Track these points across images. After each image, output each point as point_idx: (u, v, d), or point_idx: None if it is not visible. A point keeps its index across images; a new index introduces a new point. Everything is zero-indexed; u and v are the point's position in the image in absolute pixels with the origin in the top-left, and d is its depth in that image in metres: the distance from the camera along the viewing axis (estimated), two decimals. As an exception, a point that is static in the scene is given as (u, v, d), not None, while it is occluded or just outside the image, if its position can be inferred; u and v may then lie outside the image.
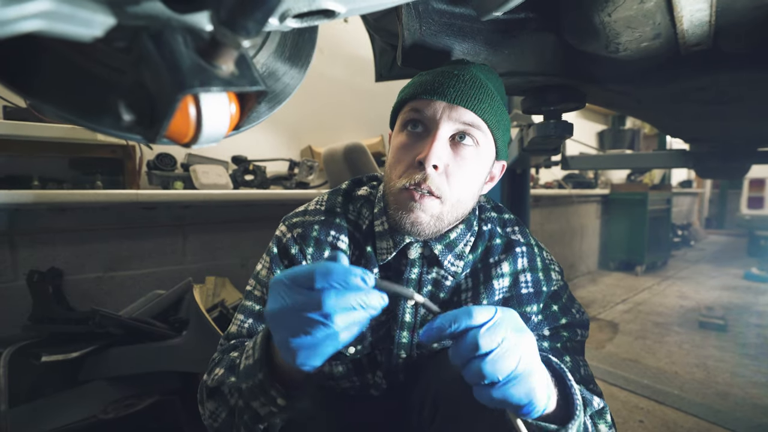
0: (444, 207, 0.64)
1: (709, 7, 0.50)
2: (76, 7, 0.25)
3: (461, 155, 0.64)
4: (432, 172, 0.61)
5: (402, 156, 0.65)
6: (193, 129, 0.33)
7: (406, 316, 0.72)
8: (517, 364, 0.44)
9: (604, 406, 0.62)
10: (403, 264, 0.73)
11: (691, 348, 2.42)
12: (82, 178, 1.62)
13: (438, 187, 0.62)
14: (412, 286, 0.72)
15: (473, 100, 0.62)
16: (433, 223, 0.64)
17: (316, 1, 0.38)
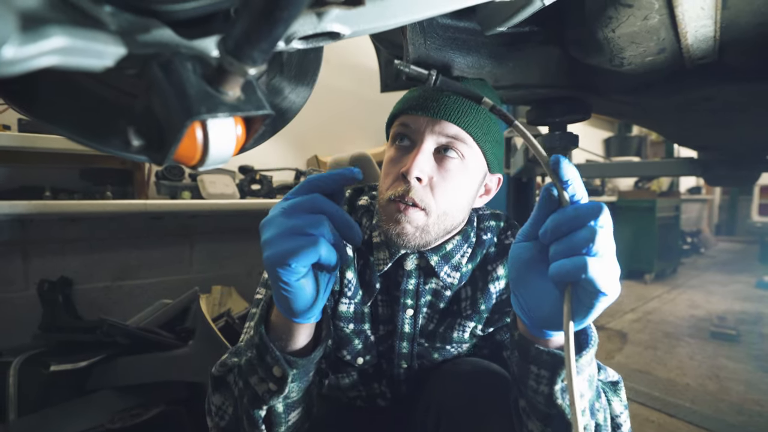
0: (429, 219, 0.64)
1: (713, 23, 0.50)
2: (89, 41, 0.26)
3: (445, 168, 0.65)
4: (416, 184, 0.63)
5: (390, 169, 0.67)
6: (200, 152, 0.34)
7: (405, 327, 0.74)
8: (612, 252, 0.42)
9: (619, 380, 0.60)
10: (400, 275, 0.74)
11: (703, 359, 2.37)
12: (92, 188, 1.65)
13: (422, 199, 0.63)
14: (409, 297, 0.74)
15: (456, 113, 0.64)
16: (418, 235, 0.64)
17: (322, 24, 0.39)
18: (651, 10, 0.48)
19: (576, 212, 0.42)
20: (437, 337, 0.74)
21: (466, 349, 0.76)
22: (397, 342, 0.74)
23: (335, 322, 0.73)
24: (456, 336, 0.73)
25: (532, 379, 0.52)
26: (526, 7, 0.51)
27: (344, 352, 0.74)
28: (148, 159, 0.35)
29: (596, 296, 0.41)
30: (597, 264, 0.40)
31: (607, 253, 0.41)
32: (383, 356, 0.76)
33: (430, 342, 0.74)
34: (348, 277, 0.74)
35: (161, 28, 0.34)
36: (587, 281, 0.40)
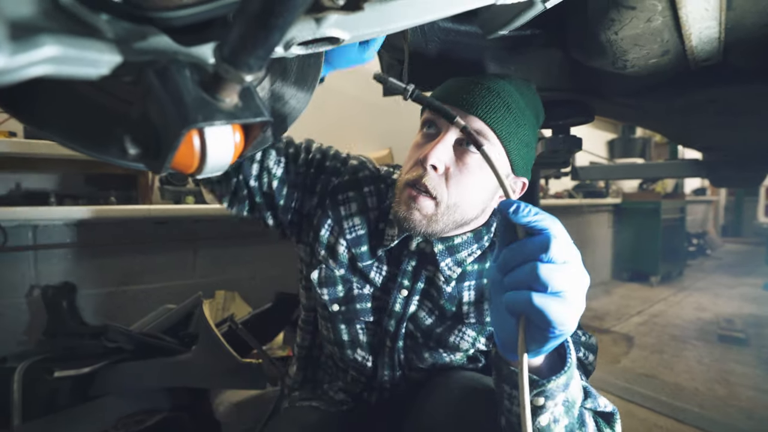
0: (439, 209, 0.64)
1: (718, 25, 0.49)
2: (83, 50, 0.26)
3: (464, 161, 0.64)
4: (430, 171, 0.63)
5: (412, 154, 0.69)
6: (197, 160, 0.34)
7: (396, 306, 0.74)
8: (569, 287, 0.42)
9: (614, 412, 0.58)
10: (404, 254, 0.75)
11: (711, 363, 2.34)
12: (96, 194, 1.65)
13: (434, 188, 0.63)
14: (406, 278, 0.75)
15: (484, 108, 0.63)
16: (425, 223, 0.65)
17: (320, 29, 0.39)
18: (654, 12, 0.48)
19: (521, 248, 0.43)
20: (433, 336, 0.73)
21: (459, 357, 0.75)
22: (385, 318, 0.75)
23: (329, 259, 0.76)
24: (452, 341, 0.72)
25: (506, 399, 0.52)
26: (528, 11, 0.50)
27: (324, 291, 0.76)
28: (146, 167, 0.34)
29: (546, 330, 0.42)
30: (544, 298, 0.41)
31: (562, 287, 0.41)
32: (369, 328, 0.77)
33: (425, 339, 0.74)
34: (355, 222, 0.76)
35: (158, 35, 0.34)
36: (536, 314, 0.41)
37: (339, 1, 0.35)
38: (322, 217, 0.78)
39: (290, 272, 2.15)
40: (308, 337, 0.89)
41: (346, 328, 0.77)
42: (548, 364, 0.50)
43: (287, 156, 0.79)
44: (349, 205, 0.77)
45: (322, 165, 0.81)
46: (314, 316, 0.87)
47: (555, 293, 0.41)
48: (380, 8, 0.36)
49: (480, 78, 0.67)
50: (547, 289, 0.41)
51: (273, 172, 0.77)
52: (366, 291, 0.76)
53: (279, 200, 0.78)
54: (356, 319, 0.76)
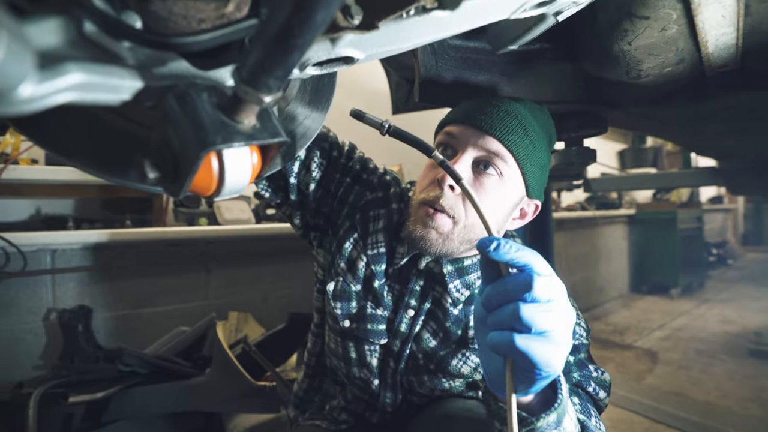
0: (456, 227, 0.64)
1: (735, 31, 0.49)
2: (106, 77, 0.26)
3: (481, 182, 0.64)
4: (448, 191, 0.63)
5: (427, 173, 0.68)
6: (215, 182, 0.33)
7: (402, 326, 0.73)
8: (554, 326, 0.40)
9: None
10: (412, 273, 0.74)
11: (744, 379, 2.23)
12: (112, 217, 1.68)
13: (452, 207, 0.63)
14: (413, 298, 0.74)
15: (502, 129, 0.63)
16: (441, 242, 0.64)
17: (336, 49, 0.39)
18: (669, 21, 0.47)
19: (503, 287, 0.41)
20: (435, 358, 0.72)
21: (459, 384, 0.73)
22: (391, 338, 0.74)
23: (347, 272, 0.75)
24: (455, 365, 0.70)
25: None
26: (538, 25, 0.50)
27: (338, 305, 0.75)
28: (164, 191, 0.34)
29: (532, 371, 0.41)
30: (528, 340, 0.39)
31: (545, 326, 0.40)
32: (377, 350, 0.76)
33: (426, 361, 0.72)
34: (378, 238, 0.75)
35: (177, 60, 0.35)
36: (519, 355, 0.40)
37: (354, 21, 0.35)
38: (350, 230, 0.77)
39: (303, 292, 2.14)
40: (319, 342, 0.88)
41: (354, 346, 0.76)
42: (541, 399, 0.48)
43: (329, 159, 0.79)
44: (377, 222, 0.77)
45: (359, 176, 0.80)
46: (326, 319, 0.86)
47: (539, 333, 0.40)
48: (395, 27, 0.36)
49: (497, 100, 0.67)
50: (531, 330, 0.39)
51: (313, 175, 0.77)
52: (379, 312, 0.74)
53: (312, 203, 0.78)
54: (365, 340, 0.75)
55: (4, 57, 0.17)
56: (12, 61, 0.18)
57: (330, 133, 0.81)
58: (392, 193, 0.80)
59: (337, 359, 0.79)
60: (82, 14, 0.29)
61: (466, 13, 0.37)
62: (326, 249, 0.82)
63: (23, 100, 0.21)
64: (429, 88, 0.75)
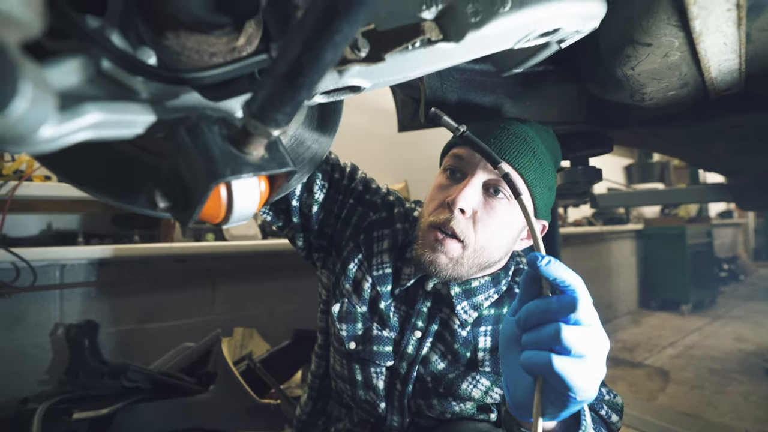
0: (465, 252, 0.63)
1: (737, 57, 0.49)
2: (121, 113, 0.27)
3: (491, 205, 0.64)
4: (458, 215, 0.62)
5: (436, 195, 0.67)
6: (224, 211, 0.34)
7: (409, 348, 0.72)
8: (593, 351, 0.40)
9: None
10: (419, 294, 0.73)
11: (760, 400, 2.16)
12: (121, 233, 1.70)
13: (462, 231, 0.62)
14: (421, 320, 0.73)
15: (513, 154, 0.63)
16: (451, 267, 0.64)
17: (343, 79, 0.40)
18: (671, 48, 0.48)
19: (547, 306, 0.41)
20: (444, 382, 0.70)
21: (469, 407, 0.71)
22: (398, 360, 0.73)
23: (352, 294, 0.74)
24: (464, 388, 0.69)
25: None
26: (542, 51, 0.51)
27: (343, 326, 0.74)
28: (174, 218, 0.35)
29: (566, 395, 0.40)
30: (566, 362, 0.39)
31: (584, 351, 0.39)
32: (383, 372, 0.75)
33: (434, 384, 0.71)
34: (384, 259, 0.75)
35: (189, 92, 0.36)
36: (555, 378, 0.39)
37: (361, 54, 0.36)
38: (354, 251, 0.77)
39: (308, 308, 2.13)
40: (323, 364, 0.87)
41: (360, 369, 0.74)
42: (563, 426, 0.48)
43: (331, 180, 0.79)
44: (382, 243, 0.76)
45: (362, 197, 0.80)
46: (330, 340, 0.85)
47: (578, 356, 0.39)
48: (401, 58, 0.37)
49: (504, 122, 0.67)
50: (570, 353, 0.39)
51: (316, 197, 0.76)
52: (385, 334, 0.73)
53: (315, 225, 0.78)
54: (371, 362, 0.74)
55: (30, 106, 0.18)
56: (36, 107, 0.19)
57: (332, 155, 0.81)
58: (396, 214, 0.79)
59: (342, 382, 0.78)
60: (100, 52, 0.30)
61: (471, 44, 0.38)
62: (330, 270, 0.81)
63: (43, 141, 0.22)
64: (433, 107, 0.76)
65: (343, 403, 0.84)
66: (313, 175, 0.76)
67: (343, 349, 0.75)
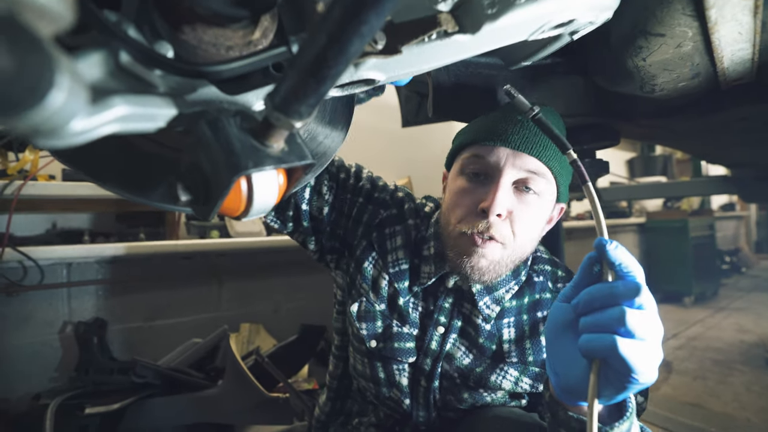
0: (505, 251, 0.63)
1: (751, 46, 0.49)
2: (145, 107, 0.27)
3: (525, 201, 0.63)
4: (495, 220, 0.61)
5: (462, 200, 0.65)
6: (244, 204, 0.34)
7: (432, 344, 0.72)
8: (654, 335, 0.41)
9: None
10: (440, 291, 0.73)
11: (763, 390, 2.18)
12: (126, 231, 1.71)
13: (501, 233, 0.62)
14: (443, 315, 0.73)
15: (538, 147, 0.62)
16: (492, 268, 0.64)
17: (359, 72, 0.40)
18: (684, 38, 0.48)
19: (611, 290, 0.42)
20: (472, 376, 0.70)
21: (500, 396, 0.72)
22: (421, 356, 0.73)
23: (370, 292, 0.74)
24: (494, 380, 0.69)
25: None
26: (554, 43, 0.51)
27: (363, 325, 0.74)
28: (195, 213, 0.35)
29: (627, 378, 0.40)
30: (629, 344, 0.40)
31: (646, 335, 0.40)
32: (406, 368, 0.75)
33: (463, 379, 0.71)
34: (399, 255, 0.74)
35: (206, 86, 0.36)
36: (618, 360, 0.40)
37: (378, 46, 0.36)
38: (367, 249, 0.77)
39: (314, 303, 2.14)
40: (341, 364, 0.87)
41: (383, 366, 0.74)
42: (607, 410, 0.48)
43: (338, 181, 0.79)
44: (395, 239, 0.76)
45: (370, 195, 0.79)
46: (348, 341, 0.85)
47: (640, 339, 0.40)
48: (416, 50, 0.37)
49: (515, 113, 0.65)
50: (633, 336, 0.40)
51: (326, 198, 0.76)
52: (405, 330, 0.73)
53: (327, 226, 0.77)
54: (393, 359, 0.73)
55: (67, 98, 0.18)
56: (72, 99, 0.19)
57: (336, 157, 0.81)
58: (407, 210, 0.79)
59: (365, 380, 0.77)
60: (119, 46, 0.30)
61: (486, 35, 0.38)
62: (344, 270, 0.81)
63: (74, 134, 0.22)
64: (442, 103, 0.76)
65: (367, 400, 0.84)
66: (321, 177, 0.76)
67: (364, 347, 0.75)
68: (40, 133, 0.20)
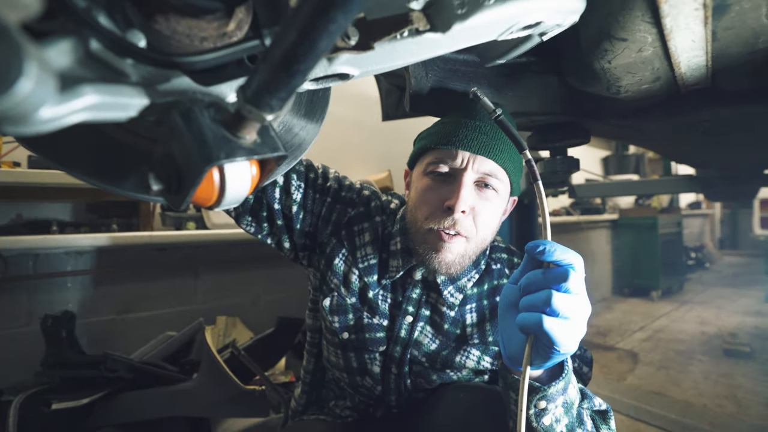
0: (469, 245, 0.69)
1: (705, 54, 0.52)
2: (116, 96, 0.27)
3: (485, 197, 0.69)
4: (460, 216, 0.66)
5: (428, 199, 0.70)
6: (216, 194, 0.35)
7: (402, 332, 0.77)
8: (576, 314, 0.48)
9: (607, 410, 0.63)
10: (408, 282, 0.78)
11: (718, 378, 2.31)
12: (98, 221, 1.66)
13: (466, 228, 0.67)
14: (411, 305, 0.77)
15: (495, 151, 0.67)
16: (458, 261, 0.69)
17: (332, 67, 0.41)
18: (645, 44, 0.50)
19: (544, 276, 0.49)
20: (439, 359, 0.76)
21: (465, 374, 0.77)
22: (391, 345, 0.77)
23: (341, 287, 0.78)
24: (458, 360, 0.75)
25: (512, 404, 0.57)
26: (525, 43, 0.53)
27: (335, 318, 0.78)
28: (167, 202, 0.36)
29: (551, 349, 0.48)
30: (553, 322, 0.46)
31: (571, 314, 0.47)
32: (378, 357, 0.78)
33: (431, 363, 0.76)
34: (367, 251, 0.79)
35: (179, 77, 0.36)
36: (543, 335, 0.47)
37: (351, 42, 0.37)
38: (337, 246, 0.80)
39: (291, 297, 2.13)
40: (312, 360, 0.90)
41: (355, 357, 0.78)
42: (548, 373, 0.56)
43: (307, 180, 0.81)
44: (363, 236, 0.80)
45: (338, 195, 0.83)
46: (319, 337, 0.88)
47: (564, 318, 0.47)
48: (389, 47, 0.38)
49: (471, 119, 0.70)
50: (558, 315, 0.46)
51: (294, 197, 0.79)
52: (376, 321, 0.77)
53: (296, 224, 0.80)
54: (365, 349, 0.78)
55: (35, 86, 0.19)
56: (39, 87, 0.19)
57: (303, 158, 0.83)
58: (374, 207, 0.83)
59: (339, 371, 0.81)
60: (89, 34, 0.30)
61: (457, 34, 0.40)
62: (315, 267, 0.84)
63: (42, 121, 0.22)
64: (419, 98, 0.77)
65: (337, 391, 0.89)
66: (289, 177, 0.79)
67: (337, 340, 0.79)
68: (7, 120, 0.20)
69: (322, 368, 0.90)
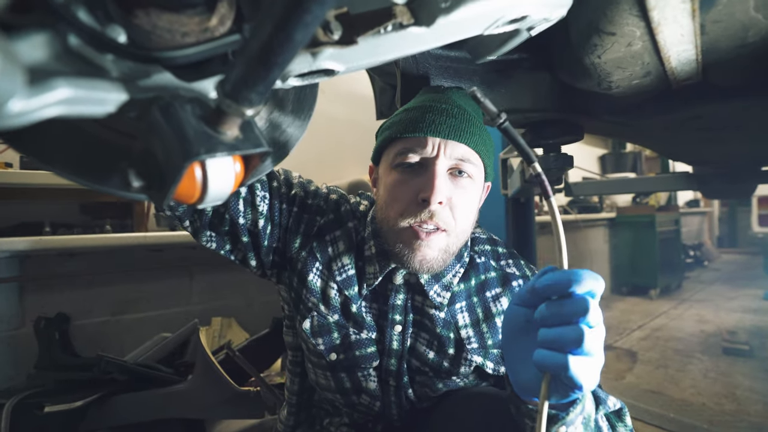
0: (450, 238, 0.64)
1: (694, 48, 0.52)
2: (92, 90, 0.27)
3: (460, 186, 0.65)
4: (437, 207, 0.62)
5: (399, 193, 0.64)
6: (199, 191, 0.34)
7: (393, 344, 0.72)
8: (599, 349, 0.42)
9: (621, 407, 0.60)
10: (388, 289, 0.73)
11: (717, 376, 2.31)
12: (91, 222, 1.65)
13: (444, 221, 0.62)
14: (398, 313, 0.72)
15: (466, 134, 0.63)
16: (440, 257, 0.64)
17: (316, 62, 0.40)
18: (633, 38, 0.50)
19: (563, 308, 0.42)
20: (442, 369, 0.72)
21: (472, 379, 0.74)
22: (385, 358, 0.72)
23: (320, 305, 0.72)
24: (463, 370, 0.71)
25: (528, 430, 0.54)
26: (513, 38, 0.53)
27: (319, 341, 0.72)
28: (149, 199, 0.35)
29: (573, 390, 0.43)
30: (579, 363, 0.41)
31: (594, 349, 0.42)
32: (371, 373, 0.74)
33: (435, 372, 0.72)
34: (344, 261, 0.73)
35: (160, 72, 0.35)
36: (567, 378, 0.41)
37: (334, 36, 0.37)
38: (309, 261, 0.74)
39: (288, 296, 2.12)
40: (297, 380, 0.85)
41: (347, 377, 0.73)
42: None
43: (271, 191, 0.75)
44: (337, 245, 0.75)
45: (304, 203, 0.77)
46: (301, 356, 0.83)
47: (588, 355, 0.41)
48: (373, 42, 0.38)
49: (437, 102, 0.65)
50: (585, 354, 0.41)
51: (260, 210, 0.73)
52: (364, 336, 0.72)
53: (264, 240, 0.74)
54: (357, 367, 0.72)
55: (-4, 78, 0.18)
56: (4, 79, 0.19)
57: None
58: (344, 212, 0.78)
59: (331, 393, 0.76)
60: (66, 28, 0.29)
61: (442, 28, 0.39)
62: (287, 285, 0.78)
63: (12, 116, 0.21)
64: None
65: (331, 410, 0.83)
66: (253, 188, 0.73)
67: (324, 362, 0.73)
68: (-28, 112, 0.20)
69: (310, 388, 0.84)
